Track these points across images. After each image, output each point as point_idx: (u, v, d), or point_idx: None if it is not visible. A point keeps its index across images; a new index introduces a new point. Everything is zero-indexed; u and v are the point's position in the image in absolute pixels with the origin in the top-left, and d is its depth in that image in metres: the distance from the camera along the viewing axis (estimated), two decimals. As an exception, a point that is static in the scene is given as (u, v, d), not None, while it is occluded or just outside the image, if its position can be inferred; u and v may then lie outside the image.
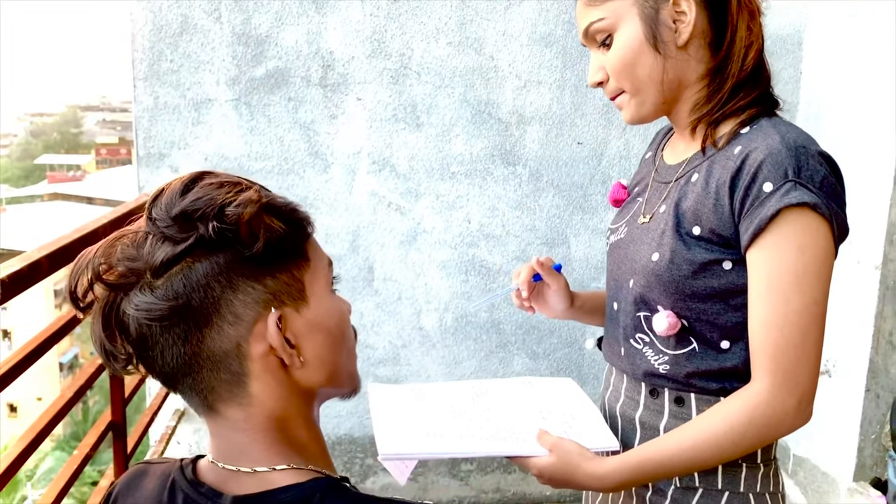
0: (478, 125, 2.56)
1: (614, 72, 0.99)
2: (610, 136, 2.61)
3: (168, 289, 0.66)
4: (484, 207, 2.62)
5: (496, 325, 2.69)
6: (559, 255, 2.66)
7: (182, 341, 0.67)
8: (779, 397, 0.90)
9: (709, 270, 0.95)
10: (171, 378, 0.70)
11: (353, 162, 2.55)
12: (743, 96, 0.97)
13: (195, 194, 0.67)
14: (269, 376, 0.70)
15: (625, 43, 0.97)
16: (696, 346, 0.99)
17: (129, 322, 0.67)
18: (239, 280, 0.68)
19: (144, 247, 0.67)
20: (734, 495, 0.98)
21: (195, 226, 0.66)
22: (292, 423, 0.73)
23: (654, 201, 1.05)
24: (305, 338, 0.71)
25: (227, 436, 0.72)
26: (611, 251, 1.11)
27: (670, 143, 1.10)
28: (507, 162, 2.60)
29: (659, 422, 1.02)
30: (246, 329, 0.68)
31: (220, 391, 0.70)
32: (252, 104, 2.47)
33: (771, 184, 0.89)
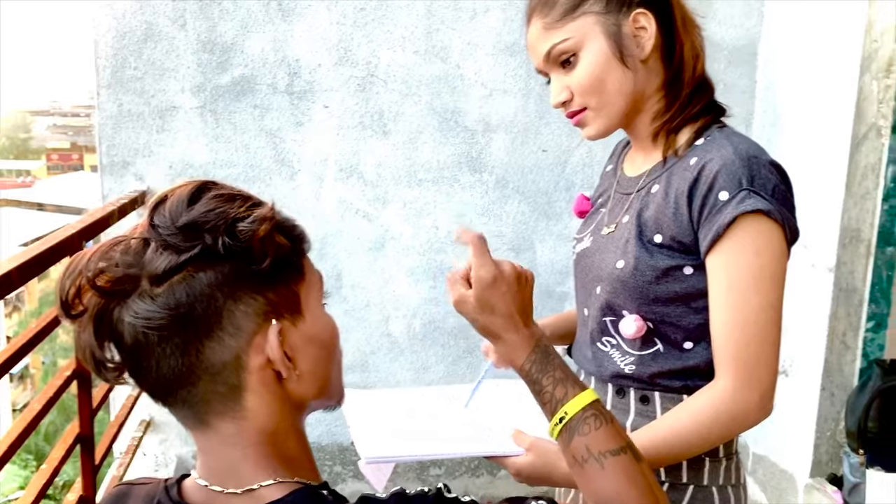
0: (444, 133, 2.59)
1: (582, 89, 1.02)
2: (573, 144, 2.66)
3: (170, 297, 0.65)
4: (451, 214, 2.64)
5: (464, 330, 2.71)
6: (525, 261, 2.70)
7: (181, 351, 0.66)
8: (742, 393, 0.95)
9: (671, 276, 1.00)
10: (165, 390, 0.69)
11: (320, 169, 2.56)
12: (696, 103, 1.04)
13: (206, 205, 0.67)
14: (264, 389, 0.70)
15: (592, 60, 1.01)
16: (661, 347, 1.04)
17: (124, 330, 0.66)
18: (242, 291, 0.67)
19: (145, 254, 0.66)
20: (698, 489, 1.03)
21: (201, 236, 0.66)
22: (283, 436, 0.73)
23: (617, 212, 1.09)
24: (301, 351, 0.71)
25: (218, 451, 0.72)
26: (577, 260, 1.15)
27: (629, 157, 1.15)
28: (474, 169, 2.63)
29: (626, 420, 1.06)
30: (246, 341, 0.68)
31: (215, 404, 0.69)
32: (217, 111, 2.46)
33: (727, 192, 0.95)
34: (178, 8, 2.39)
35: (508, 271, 0.84)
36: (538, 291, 2.76)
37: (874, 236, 2.32)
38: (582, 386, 0.83)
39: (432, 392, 1.19)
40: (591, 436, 0.80)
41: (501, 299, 0.83)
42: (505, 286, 0.83)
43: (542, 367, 0.84)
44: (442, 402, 1.16)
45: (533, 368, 0.84)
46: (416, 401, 1.15)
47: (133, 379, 0.70)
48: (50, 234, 1.67)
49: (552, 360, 0.84)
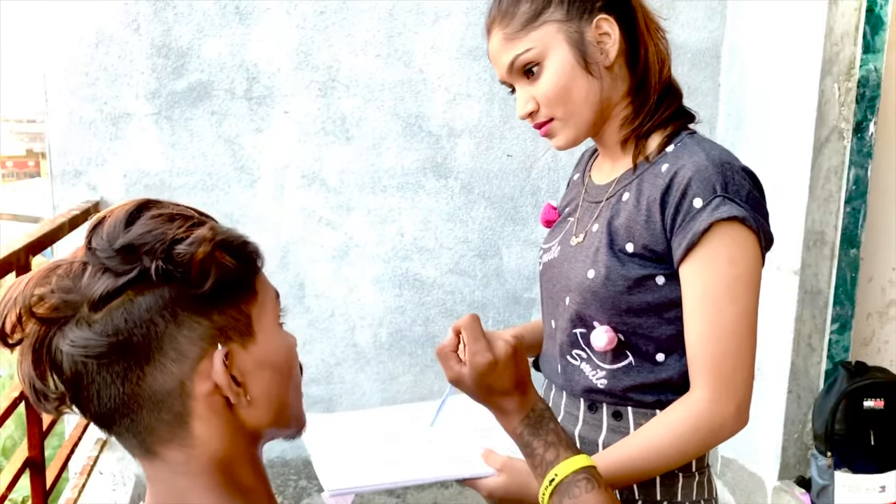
0: (408, 138, 2.55)
1: (547, 99, 1.00)
2: (538, 149, 2.63)
3: (107, 323, 0.62)
4: (416, 220, 2.60)
5: (431, 338, 2.67)
6: (492, 266, 2.67)
7: (121, 380, 0.63)
8: (719, 405, 0.93)
9: (643, 286, 0.98)
10: (107, 419, 0.66)
11: (281, 176, 2.50)
12: (665, 108, 1.02)
13: (143, 226, 0.64)
14: (213, 416, 0.67)
15: (556, 69, 0.98)
16: (633, 360, 1.01)
17: (62, 359, 0.63)
18: (184, 315, 0.64)
19: (82, 278, 0.63)
20: None
21: (139, 259, 0.63)
22: (237, 465, 0.69)
23: (586, 221, 1.07)
24: (252, 375, 0.68)
25: (167, 480, 0.68)
26: (544, 270, 1.12)
27: (597, 165, 1.13)
28: (439, 175, 2.59)
29: (598, 436, 1.03)
30: (190, 367, 0.65)
31: (161, 432, 0.66)
32: (173, 118, 2.38)
33: (701, 199, 0.93)
34: (130, 11, 2.31)
35: (503, 352, 0.83)
36: (505, 297, 2.73)
37: (838, 238, 2.34)
38: (576, 450, 0.81)
39: (396, 412, 1.15)
40: (581, 499, 0.78)
41: (499, 380, 0.83)
42: (502, 367, 0.83)
43: (535, 430, 0.83)
44: (406, 422, 1.11)
45: (525, 432, 0.84)
46: (379, 423, 1.11)
47: (76, 408, 0.66)
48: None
49: (546, 425, 0.83)
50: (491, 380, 0.83)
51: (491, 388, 0.84)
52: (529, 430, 0.84)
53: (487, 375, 0.83)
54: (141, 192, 2.38)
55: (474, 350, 0.83)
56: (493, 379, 0.83)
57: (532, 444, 0.83)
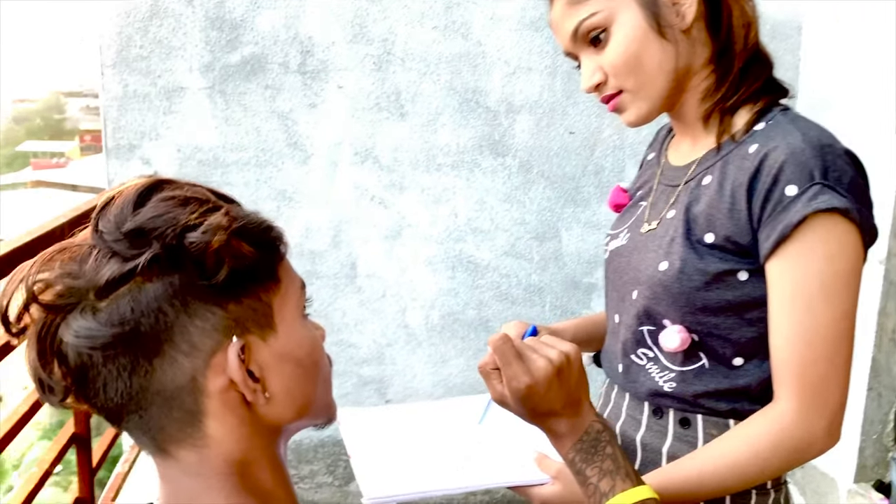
0: (465, 114, 2.45)
1: (616, 69, 0.89)
2: (603, 125, 2.50)
3: (113, 312, 0.57)
4: (471, 201, 2.51)
5: (484, 322, 2.59)
6: (550, 249, 2.56)
7: (128, 373, 0.58)
8: (808, 419, 0.82)
9: (722, 282, 0.87)
10: (115, 414, 0.61)
11: (334, 153, 2.44)
12: (752, 79, 0.90)
13: (153, 209, 0.59)
14: (228, 414, 0.61)
15: (626, 34, 0.88)
16: (706, 363, 0.90)
17: (67, 350, 0.58)
18: (196, 304, 0.59)
19: (87, 262, 0.58)
20: None
21: (149, 243, 0.58)
22: (255, 466, 0.64)
23: (661, 206, 0.96)
24: (272, 370, 0.63)
25: (179, 481, 0.63)
26: (611, 259, 1.01)
27: (674, 144, 1.01)
28: (496, 153, 2.49)
29: (662, 444, 0.93)
30: (203, 361, 0.59)
31: (172, 431, 0.61)
32: (227, 92, 2.34)
33: (795, 187, 0.81)
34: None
35: (543, 373, 0.74)
36: (563, 282, 2.62)
37: (928, 227, 2.15)
38: (635, 479, 0.72)
39: (440, 408, 1.07)
40: None
41: (542, 402, 0.75)
42: (543, 389, 0.75)
43: (589, 456, 0.75)
44: (452, 420, 1.03)
45: (577, 458, 0.76)
46: (423, 421, 1.03)
47: (82, 402, 0.61)
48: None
49: (601, 449, 0.75)
50: (533, 403, 0.75)
51: (535, 411, 0.76)
52: (582, 455, 0.75)
53: (528, 399, 0.75)
54: (194, 168, 2.36)
55: (509, 376, 0.76)
56: (536, 402, 0.75)
57: (585, 471, 0.74)
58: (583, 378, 0.78)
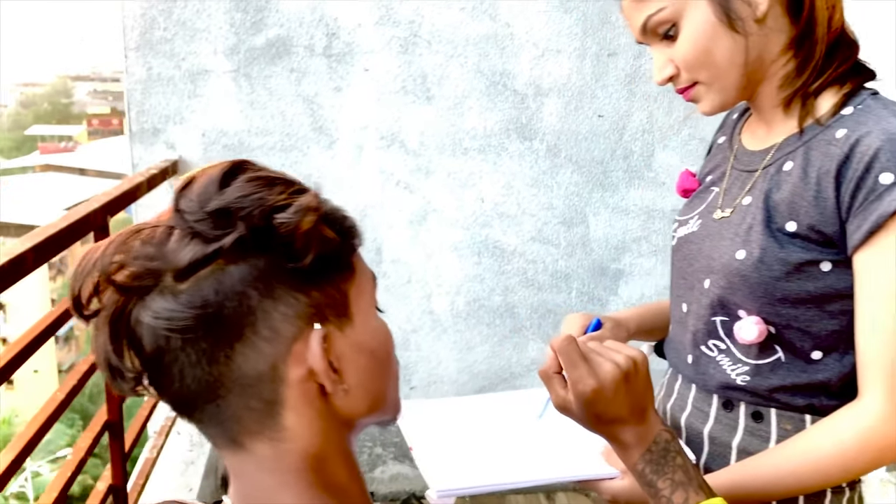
0: (492, 97, 2.41)
1: (687, 63, 0.86)
2: (633, 108, 2.46)
3: (195, 294, 0.55)
4: (498, 185, 2.47)
5: (510, 309, 2.56)
6: (578, 235, 2.53)
7: (207, 358, 0.56)
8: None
9: (804, 272, 0.84)
10: (189, 403, 0.59)
11: (359, 137, 2.41)
12: (838, 64, 0.85)
13: (240, 189, 0.56)
14: (306, 406, 0.59)
15: (696, 29, 0.84)
16: (783, 356, 0.87)
17: (143, 333, 0.56)
18: (280, 289, 0.57)
19: (167, 244, 0.56)
20: None
21: (234, 224, 0.55)
22: (330, 461, 0.62)
23: (735, 192, 0.93)
24: (349, 361, 0.60)
25: (253, 476, 0.61)
26: (679, 246, 0.98)
27: (749, 127, 0.97)
28: (523, 136, 2.45)
29: (732, 439, 0.90)
30: (284, 348, 0.57)
31: (248, 422, 0.59)
32: (252, 76, 2.31)
33: (891, 175, 0.77)
34: (208, -36, 2.24)
35: (610, 376, 0.72)
36: (590, 268, 2.60)
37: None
38: (708, 491, 0.69)
39: (498, 401, 1.05)
40: None
41: (609, 408, 0.73)
42: (610, 393, 0.72)
43: (659, 467, 0.72)
44: (510, 414, 1.01)
45: (647, 469, 0.73)
46: (482, 414, 1.01)
47: (154, 390, 0.59)
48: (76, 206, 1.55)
49: (671, 460, 0.72)
50: (599, 409, 0.73)
51: (600, 418, 0.73)
52: (652, 466, 0.72)
53: (594, 404, 0.72)
54: (219, 152, 2.33)
55: (574, 378, 0.73)
56: (602, 408, 0.73)
57: (656, 483, 0.72)
58: (649, 385, 0.75)
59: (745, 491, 0.83)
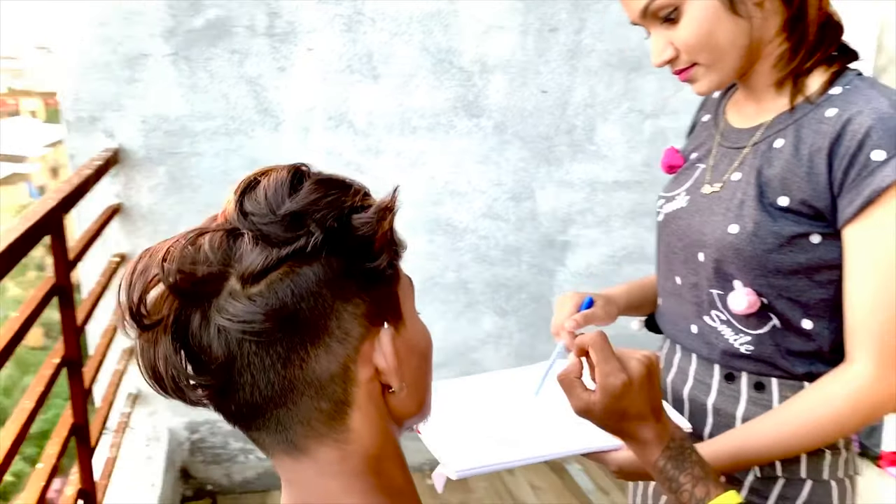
0: (438, 75, 2.41)
1: (689, 47, 0.89)
2: (575, 84, 2.51)
3: (272, 296, 0.54)
4: (447, 163, 2.49)
5: (464, 284, 2.59)
6: (526, 210, 2.57)
7: (282, 362, 0.55)
8: (886, 379, 0.84)
9: (795, 244, 0.88)
10: (257, 410, 0.58)
11: (306, 118, 2.37)
12: (827, 45, 0.90)
13: (313, 192, 0.56)
14: (371, 406, 0.60)
15: (699, 13, 0.87)
16: (778, 323, 0.92)
17: (212, 341, 0.55)
18: (351, 290, 0.57)
19: (233, 248, 0.55)
20: (817, 483, 0.93)
21: (305, 226, 0.55)
22: (388, 462, 0.63)
23: (723, 168, 0.96)
24: (404, 359, 0.61)
25: (314, 482, 0.60)
26: (667, 222, 1.02)
27: (735, 105, 1.01)
28: (471, 114, 2.46)
29: (735, 409, 0.95)
30: (354, 348, 0.58)
31: (317, 424, 0.58)
32: (192, 58, 2.23)
33: (883, 152, 0.82)
34: (140, -58, 2.14)
35: (638, 371, 0.75)
36: (539, 241, 2.64)
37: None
38: (724, 484, 0.74)
39: (493, 380, 1.08)
40: None
41: (634, 403, 0.75)
42: (637, 388, 0.75)
43: (679, 463, 0.76)
44: (507, 392, 1.04)
45: (668, 465, 0.76)
46: (478, 394, 1.04)
47: (219, 398, 0.58)
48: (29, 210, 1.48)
49: (689, 456, 0.76)
50: (626, 403, 0.75)
51: (625, 414, 0.76)
52: (673, 462, 0.76)
53: (622, 399, 0.75)
54: (161, 139, 2.25)
55: (606, 371, 0.75)
56: (628, 402, 0.75)
57: (678, 478, 0.75)
58: (661, 386, 0.79)
59: (749, 455, 0.89)
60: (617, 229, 2.66)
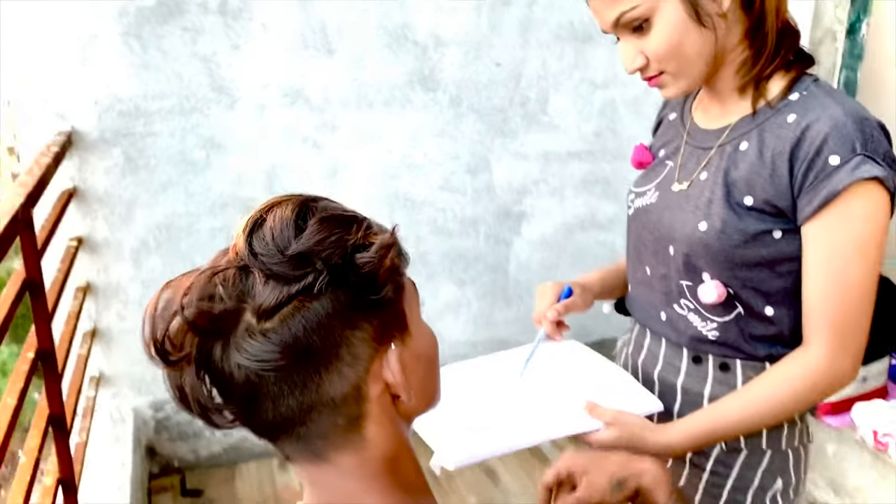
0: (393, 50, 2.42)
1: (658, 56, 0.95)
2: (528, 56, 2.55)
3: (285, 332, 0.59)
4: (405, 137, 2.51)
5: (423, 256, 2.65)
6: (482, 182, 2.62)
7: (300, 389, 0.60)
8: (838, 362, 0.94)
9: (759, 240, 0.96)
10: (279, 429, 0.63)
11: (261, 96, 2.35)
12: (785, 50, 0.97)
13: (318, 232, 0.60)
14: (383, 416, 0.65)
15: (667, 25, 0.92)
16: (742, 311, 1.00)
17: (232, 371, 0.59)
18: (358, 317, 0.61)
19: (246, 285, 0.59)
20: (776, 453, 1.03)
21: (312, 265, 0.59)
22: (402, 460, 0.69)
23: (691, 167, 1.03)
24: (411, 369, 0.66)
25: (335, 484, 0.66)
26: (637, 215, 1.09)
27: (701, 106, 1.07)
28: (427, 88, 2.48)
29: (703, 388, 1.04)
30: (364, 368, 0.63)
31: (334, 438, 0.64)
32: (143, 37, 2.18)
33: (838, 157, 0.89)
34: (83, -84, 2.07)
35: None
36: (496, 212, 2.70)
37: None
38: None
39: (482, 366, 1.13)
40: None
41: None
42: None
43: None
44: (496, 377, 1.10)
45: None
46: (471, 380, 1.09)
47: (244, 419, 0.63)
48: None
49: None
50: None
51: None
52: None
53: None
54: (115, 120, 2.21)
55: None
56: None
57: None
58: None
59: (718, 434, 0.98)
60: (570, 198, 2.74)
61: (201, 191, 2.36)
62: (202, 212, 2.38)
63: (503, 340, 2.78)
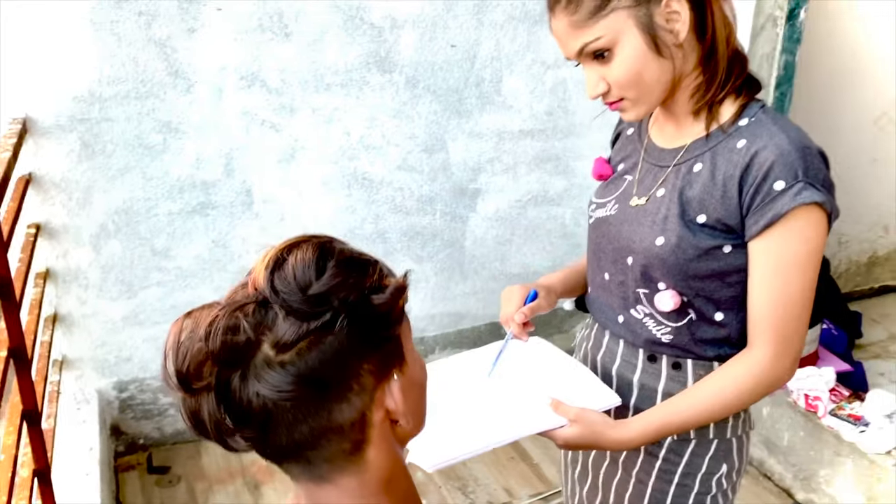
0: (350, 32, 2.43)
1: (619, 84, 1.01)
2: (482, 37, 2.59)
3: (301, 364, 0.63)
4: (362, 119, 2.54)
5: (381, 234, 2.70)
6: (439, 161, 2.68)
7: (313, 416, 0.66)
8: (780, 363, 1.05)
9: (711, 254, 1.05)
10: (290, 453, 0.69)
11: (218, 79, 2.35)
12: (735, 77, 1.05)
13: (336, 275, 0.65)
14: (383, 441, 0.71)
15: (628, 55, 0.99)
16: (694, 317, 1.10)
17: (252, 401, 0.64)
18: (367, 351, 0.67)
19: (265, 319, 0.64)
20: (722, 441, 1.15)
21: (330, 304, 0.64)
22: (398, 480, 0.75)
23: (648, 183, 1.11)
24: (407, 395, 0.72)
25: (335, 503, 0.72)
26: (597, 225, 1.17)
27: (657, 125, 1.15)
28: (383, 69, 2.51)
29: (657, 384, 1.14)
30: (369, 397, 0.68)
31: (339, 462, 0.70)
32: (97, 22, 2.15)
33: (783, 182, 0.98)
34: None
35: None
36: (452, 190, 2.76)
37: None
38: None
39: (451, 366, 1.20)
40: None
41: None
42: None
43: None
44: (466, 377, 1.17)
45: None
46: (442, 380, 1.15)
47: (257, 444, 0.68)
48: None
49: None
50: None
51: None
52: None
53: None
54: (70, 106, 2.19)
55: None
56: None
57: None
58: None
59: (671, 428, 1.09)
60: (523, 175, 2.82)
61: (159, 175, 2.36)
62: (160, 196, 2.38)
63: (460, 314, 2.87)
